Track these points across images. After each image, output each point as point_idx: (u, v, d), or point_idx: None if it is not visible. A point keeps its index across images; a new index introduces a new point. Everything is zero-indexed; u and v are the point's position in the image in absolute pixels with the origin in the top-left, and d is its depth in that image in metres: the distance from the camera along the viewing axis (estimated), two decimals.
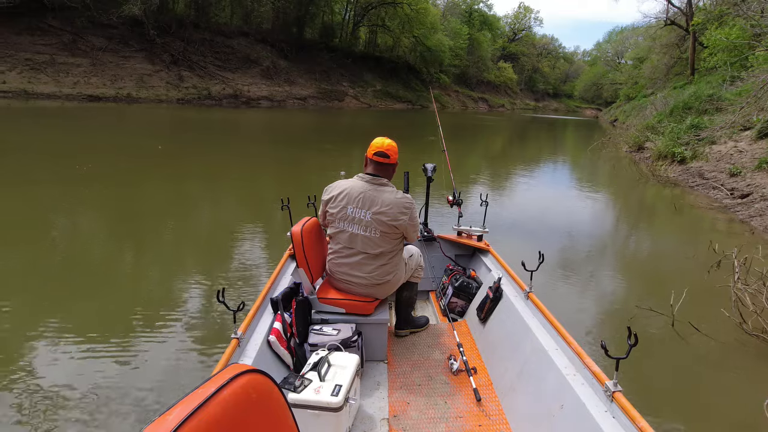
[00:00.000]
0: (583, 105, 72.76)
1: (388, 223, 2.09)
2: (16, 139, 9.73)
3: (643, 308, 3.56)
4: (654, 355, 3.15)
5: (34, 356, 2.64)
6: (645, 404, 2.52)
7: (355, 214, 2.11)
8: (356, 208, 2.11)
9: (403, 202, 2.12)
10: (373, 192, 2.11)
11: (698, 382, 2.87)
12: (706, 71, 18.42)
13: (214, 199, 6.60)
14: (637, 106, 25.42)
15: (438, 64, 43.64)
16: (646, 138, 13.38)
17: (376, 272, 2.18)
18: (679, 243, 5.91)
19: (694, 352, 3.12)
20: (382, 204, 2.09)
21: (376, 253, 2.15)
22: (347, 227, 2.14)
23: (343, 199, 2.13)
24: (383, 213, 2.08)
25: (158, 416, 0.78)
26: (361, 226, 2.11)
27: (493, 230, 5.43)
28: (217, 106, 23.23)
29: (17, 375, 2.46)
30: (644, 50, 37.21)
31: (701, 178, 8.91)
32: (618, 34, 59.93)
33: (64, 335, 2.85)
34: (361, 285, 2.20)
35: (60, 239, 4.62)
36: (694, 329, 3.25)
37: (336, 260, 2.24)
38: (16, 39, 19.66)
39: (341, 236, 2.18)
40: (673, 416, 2.48)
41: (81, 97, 19.38)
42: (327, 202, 2.20)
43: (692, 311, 3.43)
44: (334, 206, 2.16)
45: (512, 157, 14.89)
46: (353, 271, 2.19)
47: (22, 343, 2.76)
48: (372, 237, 2.12)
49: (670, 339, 3.22)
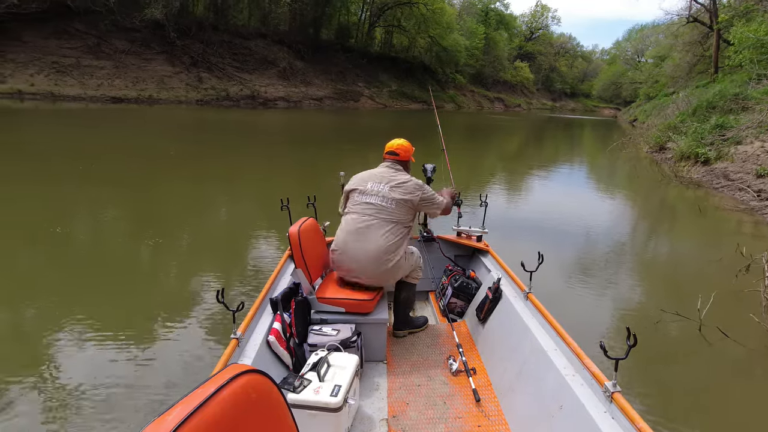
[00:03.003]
0: (601, 104, 71.44)
1: (404, 197, 2.30)
2: (45, 140, 10.06)
3: (669, 312, 3.50)
4: (680, 361, 3.11)
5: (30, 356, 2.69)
6: (669, 409, 2.50)
7: (374, 187, 2.34)
8: (375, 183, 2.35)
9: (416, 182, 2.39)
10: (391, 173, 2.39)
11: (726, 388, 2.81)
12: (731, 69, 17.91)
13: (227, 201, 6.66)
14: (657, 106, 24.87)
15: (454, 64, 43.38)
16: (668, 138, 13.09)
17: (387, 238, 2.24)
18: (704, 246, 5.79)
19: (722, 358, 3.06)
20: (399, 181, 2.35)
21: (391, 219, 2.29)
22: (366, 198, 2.32)
23: (363, 177, 2.42)
24: (399, 187, 2.32)
25: (158, 416, 0.78)
26: (379, 197, 2.31)
27: (500, 231, 5.43)
28: (235, 106, 23.55)
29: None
30: (665, 48, 36.39)
31: (726, 180, 8.68)
32: (638, 31, 58.65)
33: (59, 335, 2.87)
34: (370, 255, 2.22)
35: (65, 239, 4.68)
36: (723, 335, 3.19)
37: (348, 228, 2.30)
38: (43, 43, 20.28)
39: (358, 207, 2.32)
40: (698, 422, 2.44)
41: (104, 99, 19.89)
42: (350, 192, 2.41)
43: (720, 316, 3.36)
44: (356, 185, 2.39)
45: (526, 157, 14.74)
46: (366, 235, 2.24)
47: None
48: (387, 206, 2.29)
49: (698, 344, 3.17)
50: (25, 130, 11.16)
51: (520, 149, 17.33)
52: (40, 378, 2.46)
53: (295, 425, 1.02)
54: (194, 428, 0.76)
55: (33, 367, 2.54)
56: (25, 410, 2.22)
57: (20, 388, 2.37)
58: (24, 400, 2.29)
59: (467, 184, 8.32)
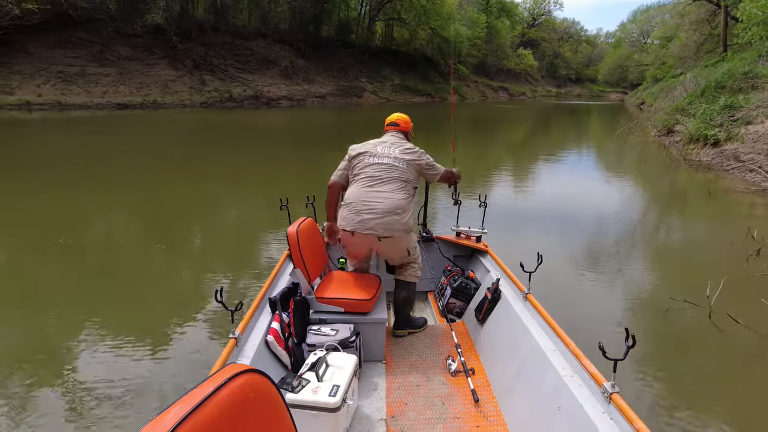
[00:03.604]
0: (607, 89, 70.35)
1: (413, 158, 2.43)
2: (53, 149, 10.21)
3: (678, 300, 3.47)
4: (691, 348, 3.08)
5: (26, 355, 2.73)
6: (681, 397, 2.48)
7: (385, 150, 2.43)
8: (386, 147, 2.45)
9: (420, 149, 2.51)
10: (398, 139, 2.54)
11: (739, 375, 2.79)
12: (740, 47, 17.53)
13: (228, 201, 6.69)
14: (665, 88, 24.45)
15: (456, 55, 43.01)
16: (676, 121, 12.87)
17: (400, 194, 2.32)
18: (714, 230, 5.71)
19: (733, 345, 3.03)
20: (407, 146, 2.48)
21: (402, 178, 2.37)
22: (378, 159, 2.39)
23: (371, 143, 2.50)
24: (408, 152, 2.44)
25: (156, 415, 0.78)
26: (391, 158, 2.40)
27: (504, 227, 5.39)
28: (239, 107, 23.64)
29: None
30: (672, 28, 35.61)
31: (737, 161, 8.53)
32: (643, 12, 57.59)
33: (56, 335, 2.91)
34: (386, 207, 2.27)
35: (70, 243, 4.75)
36: (733, 321, 3.15)
37: (362, 183, 2.34)
38: (48, 53, 20.51)
39: (370, 168, 2.37)
40: (711, 410, 2.43)
41: (110, 106, 20.09)
42: (354, 157, 2.45)
43: (730, 302, 3.32)
44: (365, 149, 2.45)
45: (531, 147, 14.60)
46: (381, 189, 2.30)
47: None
48: (399, 166, 2.38)
49: (708, 331, 3.13)
50: (33, 140, 11.34)
51: (525, 139, 17.18)
52: (40, 378, 2.49)
53: (294, 425, 1.02)
54: (192, 428, 0.76)
55: (32, 367, 2.59)
56: (21, 410, 2.25)
57: (19, 387, 2.41)
58: (24, 400, 2.32)
59: (472, 177, 8.28)
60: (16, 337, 2.97)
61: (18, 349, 2.83)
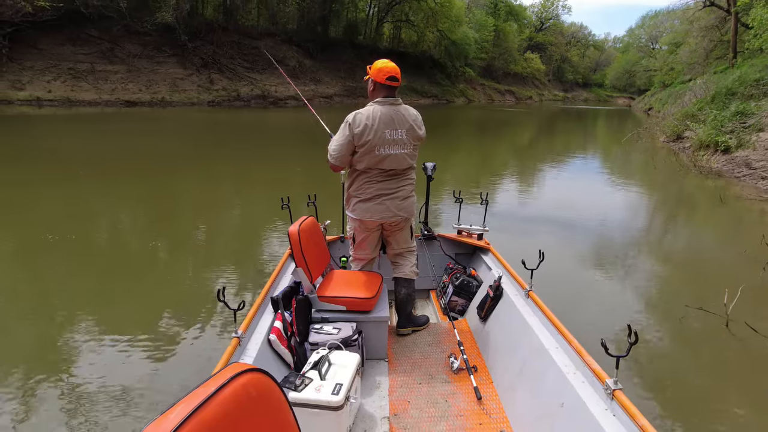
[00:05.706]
0: (614, 94, 70.16)
1: (417, 135, 2.33)
2: (64, 145, 10.29)
3: (693, 308, 3.43)
4: (705, 357, 3.05)
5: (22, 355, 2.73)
6: (699, 406, 2.46)
7: (393, 136, 2.27)
8: (392, 130, 2.27)
9: (417, 113, 2.38)
10: (398, 113, 2.29)
11: (759, 385, 2.76)
12: (751, 54, 17.39)
13: (230, 200, 6.70)
14: (674, 94, 24.29)
15: (463, 58, 43.00)
16: (686, 127, 12.79)
17: (411, 175, 2.39)
18: (726, 238, 5.65)
19: (752, 354, 2.99)
20: (409, 119, 2.31)
21: (412, 165, 2.38)
22: (389, 150, 2.27)
23: (376, 127, 2.23)
24: (412, 127, 2.31)
25: (159, 415, 0.78)
26: (399, 146, 2.29)
27: (511, 229, 5.37)
28: (246, 106, 23.74)
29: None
30: (681, 34, 35.45)
31: (748, 168, 8.46)
32: (652, 18, 57.24)
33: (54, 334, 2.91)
34: (403, 194, 2.35)
35: (72, 241, 4.77)
36: (752, 330, 3.11)
37: (378, 184, 2.32)
38: (59, 50, 20.69)
39: (383, 164, 2.29)
40: (731, 420, 2.39)
41: (119, 103, 20.23)
42: (360, 135, 2.21)
43: (745, 311, 3.29)
44: (370, 134, 2.22)
45: (538, 151, 14.54)
46: (398, 179, 2.33)
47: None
48: (407, 152, 2.32)
49: (726, 341, 3.10)
50: (45, 135, 11.44)
51: (531, 143, 17.12)
52: (44, 377, 2.49)
53: (297, 424, 1.02)
54: (195, 427, 0.76)
55: (32, 367, 2.59)
56: (25, 409, 2.26)
57: (22, 386, 2.42)
58: (24, 399, 2.33)
59: (477, 178, 8.26)
60: (19, 336, 2.98)
61: (22, 347, 2.84)
